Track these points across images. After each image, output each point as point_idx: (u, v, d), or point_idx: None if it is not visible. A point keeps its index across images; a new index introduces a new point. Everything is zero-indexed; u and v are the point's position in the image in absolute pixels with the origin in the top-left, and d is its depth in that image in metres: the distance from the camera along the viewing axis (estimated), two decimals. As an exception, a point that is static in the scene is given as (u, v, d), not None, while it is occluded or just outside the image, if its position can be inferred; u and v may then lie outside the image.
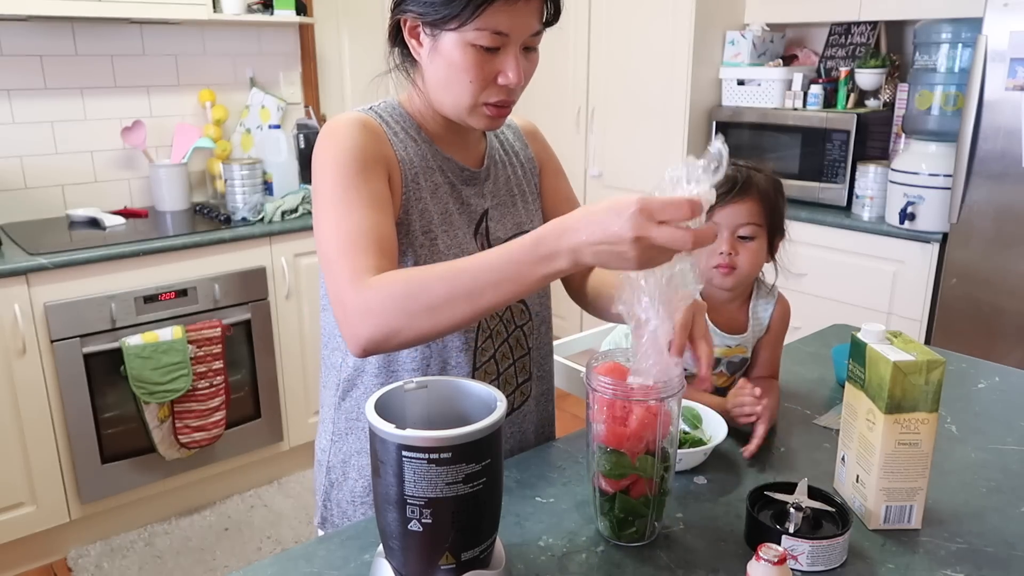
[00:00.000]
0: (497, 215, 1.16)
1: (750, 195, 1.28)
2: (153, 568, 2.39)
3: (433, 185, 1.08)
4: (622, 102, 3.37)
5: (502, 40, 0.98)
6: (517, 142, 1.25)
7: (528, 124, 1.30)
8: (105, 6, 2.41)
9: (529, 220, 1.19)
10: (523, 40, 1.00)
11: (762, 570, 0.80)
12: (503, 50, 0.99)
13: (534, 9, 0.99)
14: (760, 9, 3.16)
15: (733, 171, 1.28)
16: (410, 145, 1.07)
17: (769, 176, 1.33)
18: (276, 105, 3.09)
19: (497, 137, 1.21)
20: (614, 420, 0.91)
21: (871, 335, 0.99)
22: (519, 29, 0.98)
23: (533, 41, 1.02)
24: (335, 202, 0.96)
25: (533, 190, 1.23)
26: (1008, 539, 0.97)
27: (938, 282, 2.55)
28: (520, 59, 1.01)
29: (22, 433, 2.27)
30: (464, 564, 0.79)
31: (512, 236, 1.13)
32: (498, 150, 1.20)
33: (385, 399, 0.82)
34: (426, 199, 1.07)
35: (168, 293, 2.43)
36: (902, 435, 0.96)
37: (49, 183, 2.74)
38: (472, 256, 0.86)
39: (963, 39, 2.49)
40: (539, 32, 1.02)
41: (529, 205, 1.21)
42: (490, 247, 1.04)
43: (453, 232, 1.09)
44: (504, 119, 1.07)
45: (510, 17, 0.96)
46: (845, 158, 2.80)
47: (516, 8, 0.96)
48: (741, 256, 1.29)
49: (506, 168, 1.20)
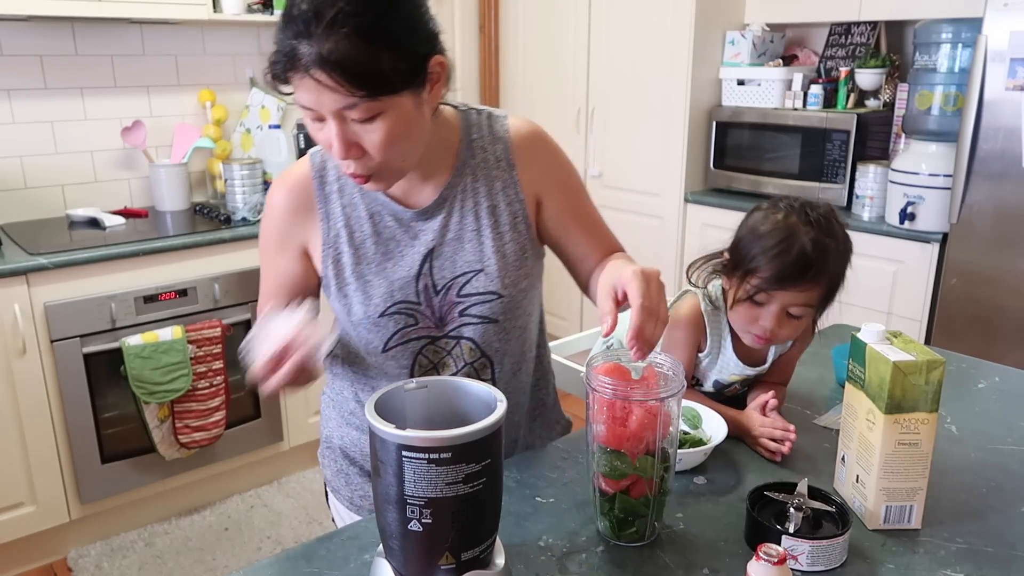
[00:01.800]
0: (446, 252, 1.10)
1: (819, 282, 1.14)
2: (153, 568, 2.39)
3: (362, 236, 1.09)
4: (622, 102, 3.37)
5: (315, 113, 0.92)
6: (499, 166, 1.12)
7: (526, 138, 1.14)
8: (105, 6, 2.41)
9: (482, 258, 1.10)
10: (334, 113, 0.90)
11: (762, 570, 0.80)
12: (326, 122, 0.92)
13: (323, 85, 0.88)
14: (760, 9, 3.16)
15: (813, 243, 1.12)
16: (347, 195, 1.10)
17: (842, 240, 1.17)
18: (276, 105, 3.09)
19: (473, 159, 1.11)
20: (614, 420, 0.91)
21: (871, 335, 0.99)
22: (318, 104, 0.90)
23: (355, 115, 0.91)
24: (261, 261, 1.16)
25: (505, 220, 1.11)
26: (1008, 539, 0.97)
27: (938, 282, 2.55)
28: (343, 132, 0.92)
29: (22, 433, 2.27)
30: (464, 564, 0.79)
31: (459, 275, 1.09)
32: (467, 178, 1.10)
33: (385, 399, 0.83)
34: (352, 250, 1.09)
35: (168, 293, 2.43)
36: (902, 435, 0.96)
37: (49, 183, 2.74)
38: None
39: (963, 39, 2.49)
40: (354, 106, 0.89)
41: (489, 240, 1.10)
42: (434, 288, 1.09)
43: (387, 276, 1.09)
44: (375, 185, 1.00)
45: (302, 92, 0.90)
46: (845, 158, 2.80)
47: (303, 84, 0.89)
48: (782, 333, 1.18)
49: (468, 199, 1.10)
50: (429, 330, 1.11)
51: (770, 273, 1.14)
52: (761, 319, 1.17)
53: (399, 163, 0.99)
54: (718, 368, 1.30)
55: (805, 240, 1.13)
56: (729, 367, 1.29)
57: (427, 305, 1.10)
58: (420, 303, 1.10)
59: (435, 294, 1.10)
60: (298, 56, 0.87)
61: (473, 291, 1.10)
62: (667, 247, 3.30)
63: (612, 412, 0.91)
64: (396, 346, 1.11)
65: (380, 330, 1.10)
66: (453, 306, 1.11)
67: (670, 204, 3.27)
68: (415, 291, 1.10)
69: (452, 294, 1.10)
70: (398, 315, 1.10)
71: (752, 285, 1.16)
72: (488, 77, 3.85)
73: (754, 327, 1.18)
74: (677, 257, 3.27)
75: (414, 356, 1.12)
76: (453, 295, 1.10)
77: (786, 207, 1.18)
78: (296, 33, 0.87)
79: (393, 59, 0.90)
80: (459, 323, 1.11)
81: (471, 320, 1.12)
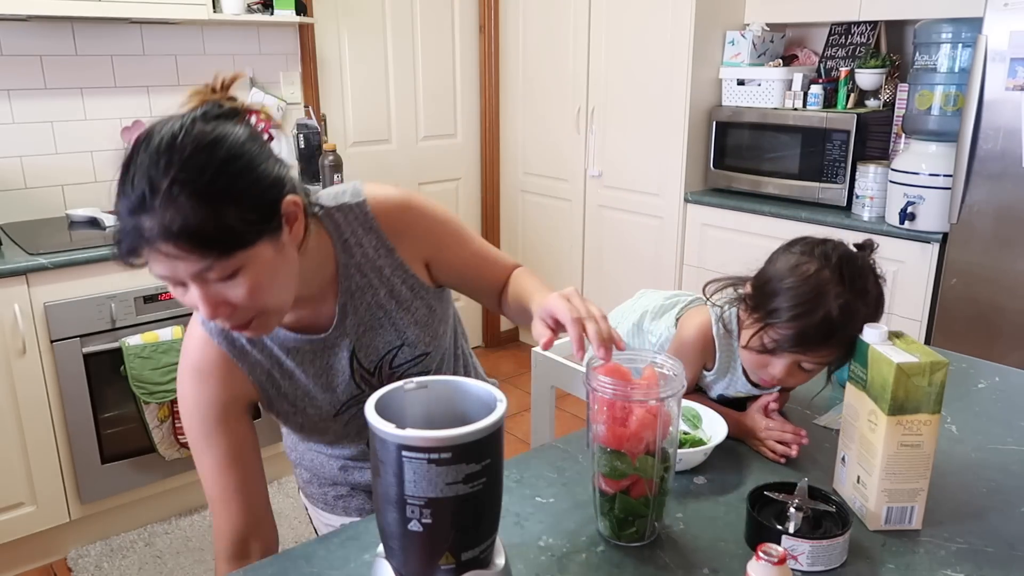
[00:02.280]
0: (365, 343, 1.12)
1: (839, 347, 1.08)
2: (153, 568, 2.39)
3: (289, 370, 1.10)
4: (622, 102, 3.37)
5: (172, 279, 0.88)
6: (380, 252, 1.11)
7: (393, 213, 1.11)
8: (105, 6, 2.41)
9: (399, 335, 1.13)
10: (193, 278, 0.87)
11: (762, 570, 0.80)
12: (188, 286, 0.89)
13: (174, 255, 0.84)
14: (760, 9, 3.16)
15: (841, 311, 1.04)
16: (257, 344, 1.09)
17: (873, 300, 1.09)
18: (276, 105, 3.09)
19: (352, 259, 1.09)
20: (614, 420, 0.91)
21: (873, 336, 0.99)
22: (173, 274, 0.87)
23: (212, 276, 0.87)
24: (198, 461, 1.10)
25: (406, 296, 1.13)
26: (1008, 539, 0.97)
27: (938, 282, 2.55)
28: (206, 293, 0.88)
29: (22, 433, 2.27)
30: (464, 564, 0.79)
31: (384, 355, 1.14)
32: (355, 278, 1.10)
33: (385, 399, 0.82)
34: (287, 383, 1.11)
35: (168, 293, 2.42)
36: (904, 436, 0.95)
37: (49, 183, 2.74)
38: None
39: (963, 39, 2.49)
40: (209, 268, 0.86)
41: (399, 318, 1.13)
42: (369, 372, 1.14)
43: (326, 389, 1.13)
44: (257, 331, 0.96)
45: (155, 264, 0.86)
46: (845, 158, 2.80)
47: (153, 258, 0.85)
48: (792, 381, 1.16)
49: (365, 294, 1.11)
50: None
51: (789, 333, 1.08)
52: (771, 367, 1.13)
53: (276, 305, 0.95)
54: (724, 385, 1.29)
55: (833, 305, 1.05)
56: (737, 386, 1.28)
57: (369, 387, 1.14)
58: (363, 389, 1.15)
59: (371, 375, 1.15)
60: (141, 232, 0.83)
61: (403, 360, 1.16)
62: (667, 247, 3.30)
63: (612, 412, 0.91)
64: (350, 409, 1.17)
65: (336, 421, 1.17)
66: (391, 376, 1.16)
67: (670, 204, 3.27)
68: (355, 384, 1.14)
69: (385, 369, 1.15)
70: (351, 408, 1.16)
71: (769, 338, 1.10)
72: (488, 77, 3.85)
73: (762, 372, 1.16)
74: (677, 257, 3.27)
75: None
76: (386, 369, 1.15)
77: (821, 256, 1.10)
78: (133, 209, 0.84)
79: (240, 213, 0.86)
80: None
81: (410, 373, 1.17)
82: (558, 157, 3.66)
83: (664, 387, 0.90)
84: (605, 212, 3.56)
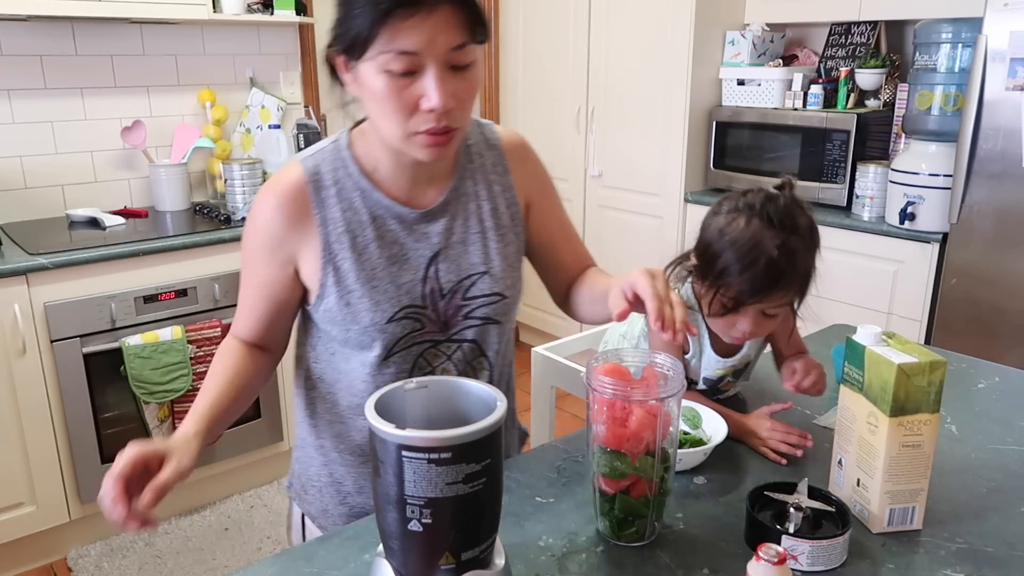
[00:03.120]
0: (451, 255, 1.09)
1: (791, 285, 1.13)
2: (153, 568, 2.39)
3: (365, 240, 1.06)
4: (622, 102, 3.37)
5: (414, 61, 0.90)
6: (496, 170, 1.14)
7: (515, 144, 1.18)
8: (105, 6, 2.41)
9: (486, 260, 1.11)
10: (441, 58, 0.91)
11: (762, 570, 0.80)
12: (421, 72, 0.91)
13: (444, 21, 0.89)
14: (760, 9, 3.16)
15: (779, 249, 1.10)
16: (345, 199, 1.06)
17: (806, 230, 1.14)
18: (276, 105, 3.09)
19: (471, 164, 1.12)
20: (614, 421, 0.91)
21: (868, 337, 0.99)
22: (430, 46, 0.89)
23: (459, 58, 0.92)
24: (242, 269, 1.12)
25: (506, 223, 1.14)
26: (1008, 539, 0.97)
27: (938, 282, 2.55)
28: (443, 79, 0.91)
29: (22, 433, 2.27)
30: (464, 564, 0.79)
31: (465, 278, 1.09)
32: (467, 181, 1.12)
33: (385, 399, 0.82)
34: (355, 256, 1.05)
35: (168, 293, 2.43)
36: (905, 437, 0.95)
37: (49, 183, 2.74)
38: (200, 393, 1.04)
39: (963, 39, 2.49)
40: (462, 46, 0.91)
41: (492, 242, 1.12)
42: (440, 292, 1.08)
43: (394, 280, 1.06)
44: (448, 147, 0.98)
45: (414, 33, 0.88)
46: (845, 158, 2.80)
47: (418, 22, 0.88)
48: (761, 329, 1.19)
49: (471, 202, 1.11)
50: (433, 334, 1.10)
51: (741, 289, 1.13)
52: (739, 324, 1.17)
53: (466, 124, 1.00)
54: (703, 366, 1.30)
55: (771, 248, 1.10)
56: (712, 364, 1.29)
57: (432, 309, 1.09)
58: (426, 307, 1.08)
59: (440, 298, 1.09)
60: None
61: (479, 293, 1.10)
62: (667, 247, 3.30)
63: (612, 412, 0.91)
64: (399, 352, 1.09)
65: (385, 337, 1.07)
66: (458, 309, 1.10)
67: (670, 204, 3.27)
68: (421, 295, 1.08)
69: (458, 297, 1.10)
70: (406, 320, 1.07)
71: (727, 298, 1.15)
72: (488, 77, 3.85)
73: (733, 331, 1.19)
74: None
75: (414, 360, 1.11)
76: (459, 298, 1.10)
77: (746, 208, 1.15)
78: None
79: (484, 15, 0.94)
80: (463, 325, 1.11)
81: (475, 322, 1.11)
82: (558, 157, 3.66)
83: (664, 387, 0.90)
84: (605, 212, 3.56)
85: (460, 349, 1.12)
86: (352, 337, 1.08)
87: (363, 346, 1.08)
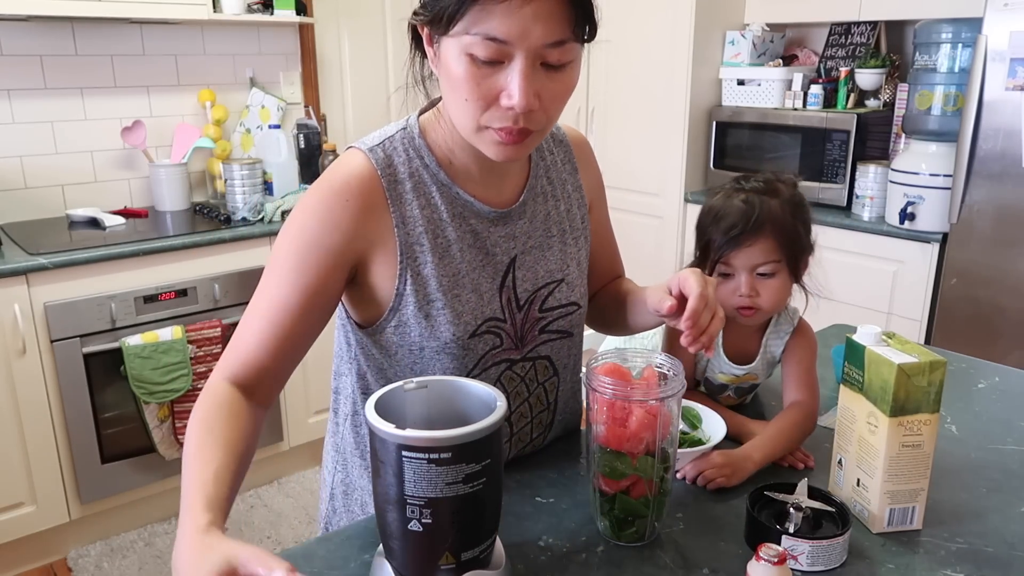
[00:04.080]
0: (528, 262, 1.00)
1: (763, 233, 1.16)
2: (153, 568, 2.39)
3: (446, 242, 0.95)
4: (622, 102, 3.37)
5: (501, 50, 0.80)
6: (566, 167, 1.08)
7: (581, 141, 1.12)
8: (105, 6, 2.41)
9: (563, 267, 1.04)
10: (533, 52, 0.80)
11: (762, 570, 0.80)
12: (507, 63, 0.81)
13: (546, 11, 0.78)
14: (760, 9, 3.16)
15: (745, 202, 1.16)
16: (423, 194, 0.94)
17: (787, 197, 1.19)
18: (276, 105, 3.09)
19: (543, 160, 1.04)
20: (614, 421, 0.91)
21: (867, 337, 0.99)
22: (522, 36, 0.78)
23: (553, 55, 0.81)
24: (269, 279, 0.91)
25: (578, 226, 1.07)
26: (1008, 539, 0.97)
27: (938, 282, 2.55)
28: (530, 77, 0.81)
29: (22, 433, 2.27)
30: (464, 564, 0.79)
31: (542, 287, 1.01)
32: (542, 179, 1.04)
33: (385, 399, 0.82)
34: (436, 260, 0.94)
35: (168, 293, 2.43)
36: (905, 437, 0.95)
37: (49, 183, 2.74)
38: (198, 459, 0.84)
39: (963, 39, 2.49)
40: (560, 43, 0.80)
41: (568, 246, 1.05)
42: (517, 303, 0.98)
43: (474, 289, 0.96)
44: (520, 151, 0.87)
45: (507, 19, 0.77)
46: (845, 158, 2.80)
47: (514, 7, 0.77)
48: (763, 295, 1.19)
49: (547, 202, 1.03)
50: (510, 352, 1.00)
51: (719, 239, 1.18)
52: (737, 289, 1.20)
53: (547, 129, 0.89)
54: (711, 367, 1.30)
55: (738, 200, 1.18)
56: (721, 365, 1.29)
57: (510, 323, 0.98)
58: (504, 320, 0.98)
59: (518, 309, 0.99)
60: None
61: (556, 304, 1.02)
62: (667, 247, 3.30)
63: (612, 412, 0.91)
64: (478, 375, 0.97)
65: (467, 355, 0.95)
66: (536, 322, 1.01)
67: (670, 204, 3.27)
68: (500, 305, 0.97)
69: (534, 309, 1.00)
70: (487, 334, 0.96)
71: (719, 262, 1.20)
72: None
73: (735, 299, 1.21)
74: (677, 257, 3.27)
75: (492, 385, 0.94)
76: (535, 310, 1.00)
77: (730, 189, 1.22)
78: None
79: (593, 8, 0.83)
80: (538, 341, 1.03)
81: (550, 336, 1.03)
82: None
83: (664, 387, 0.90)
84: (605, 212, 3.55)
85: (533, 367, 1.04)
86: (426, 357, 0.96)
87: (436, 369, 0.97)
